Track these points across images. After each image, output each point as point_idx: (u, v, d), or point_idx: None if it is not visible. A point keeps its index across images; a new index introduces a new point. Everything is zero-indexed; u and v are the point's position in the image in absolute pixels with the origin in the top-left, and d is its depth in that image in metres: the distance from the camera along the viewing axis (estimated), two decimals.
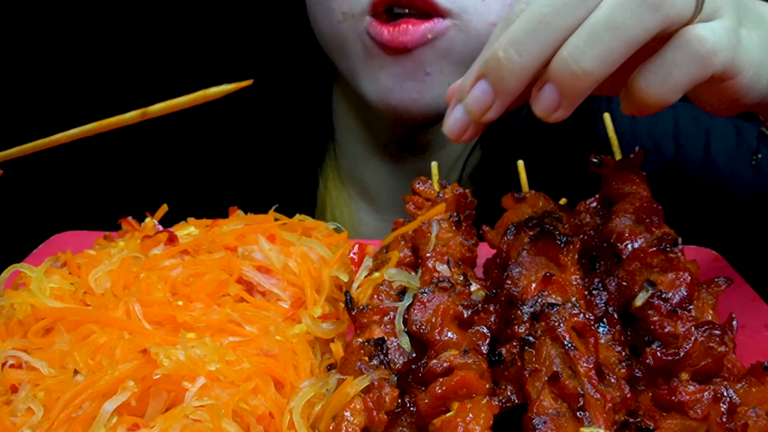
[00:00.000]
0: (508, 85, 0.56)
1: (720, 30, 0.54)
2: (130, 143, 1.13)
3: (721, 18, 0.55)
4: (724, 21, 0.55)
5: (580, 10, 0.53)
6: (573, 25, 0.53)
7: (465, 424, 0.47)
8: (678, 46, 0.54)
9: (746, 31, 0.57)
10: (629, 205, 0.66)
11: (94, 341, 0.56)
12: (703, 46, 0.53)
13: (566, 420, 0.46)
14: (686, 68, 0.54)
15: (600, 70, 0.53)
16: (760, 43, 0.58)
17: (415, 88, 0.85)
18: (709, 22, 0.54)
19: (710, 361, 0.53)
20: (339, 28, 0.88)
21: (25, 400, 0.51)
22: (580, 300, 0.56)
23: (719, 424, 0.48)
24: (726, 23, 0.55)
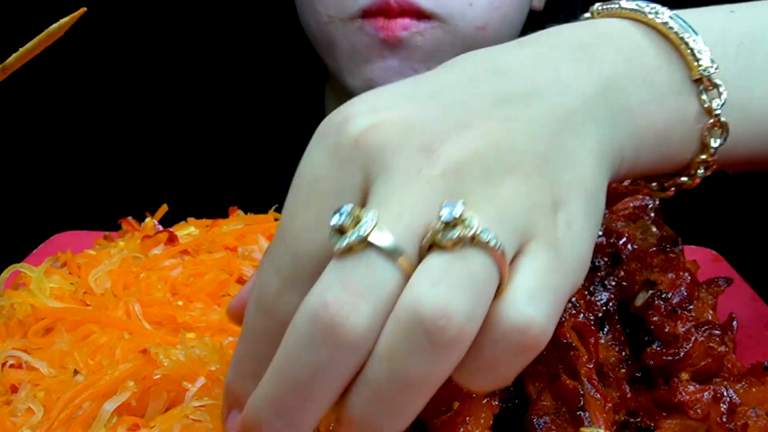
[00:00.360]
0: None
1: (539, 288, 0.35)
2: (130, 143, 1.14)
3: (532, 248, 0.36)
4: (536, 257, 0.36)
5: (349, 364, 0.34)
6: (347, 381, 0.35)
7: (465, 424, 0.47)
8: (488, 343, 0.35)
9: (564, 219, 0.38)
10: (629, 204, 0.66)
11: (94, 341, 0.56)
12: (524, 333, 0.35)
13: (566, 420, 0.46)
14: (508, 360, 0.36)
15: (405, 425, 0.37)
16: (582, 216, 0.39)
17: None
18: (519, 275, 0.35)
19: (710, 361, 0.53)
20: (326, 29, 0.91)
21: (25, 400, 0.51)
22: (580, 300, 0.56)
23: (719, 424, 0.48)
24: (540, 261, 0.36)
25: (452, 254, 0.33)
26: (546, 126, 0.39)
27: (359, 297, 0.33)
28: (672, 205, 0.74)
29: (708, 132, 0.46)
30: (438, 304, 0.32)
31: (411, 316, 0.32)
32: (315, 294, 0.34)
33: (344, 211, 0.34)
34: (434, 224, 0.34)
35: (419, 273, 0.33)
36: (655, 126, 0.45)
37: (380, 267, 0.34)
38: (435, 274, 0.33)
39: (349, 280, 0.33)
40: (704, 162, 0.47)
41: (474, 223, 0.33)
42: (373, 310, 0.33)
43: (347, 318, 0.33)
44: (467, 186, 0.36)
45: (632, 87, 0.44)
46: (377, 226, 0.34)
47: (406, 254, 0.34)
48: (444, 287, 0.32)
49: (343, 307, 0.33)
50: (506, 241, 0.34)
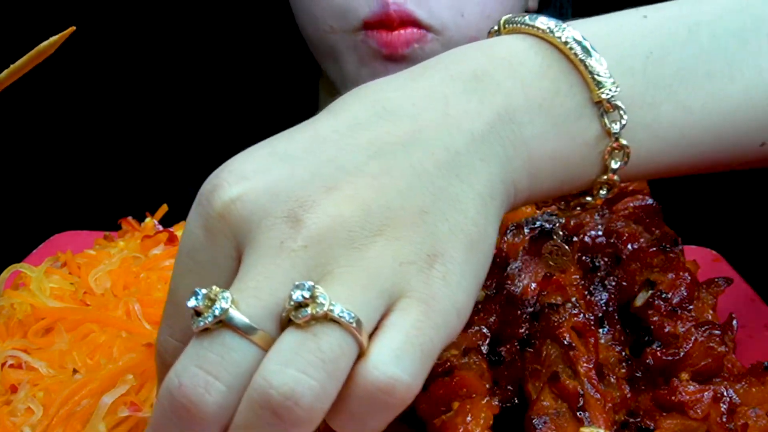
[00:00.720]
0: None
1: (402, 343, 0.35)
2: (130, 143, 1.14)
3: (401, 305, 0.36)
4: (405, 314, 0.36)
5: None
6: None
7: (465, 424, 0.47)
8: (355, 401, 0.35)
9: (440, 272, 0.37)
10: (629, 204, 0.66)
11: (93, 340, 0.56)
12: (384, 393, 0.35)
13: (566, 420, 0.46)
14: (376, 415, 0.36)
15: None
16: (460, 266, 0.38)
17: None
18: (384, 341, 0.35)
19: (710, 361, 0.53)
20: (328, 38, 0.90)
21: (25, 399, 0.51)
22: (580, 300, 0.56)
23: (719, 424, 0.48)
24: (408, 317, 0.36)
25: (305, 332, 0.34)
26: (425, 174, 0.39)
27: (213, 376, 0.34)
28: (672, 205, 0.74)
29: (609, 155, 0.45)
30: (286, 386, 0.33)
31: (260, 397, 0.33)
32: (173, 373, 0.34)
33: (199, 294, 0.35)
34: (287, 303, 0.34)
35: (272, 352, 0.34)
36: (553, 154, 0.44)
37: (235, 346, 0.34)
38: (285, 355, 0.33)
39: (204, 359, 0.34)
40: (606, 182, 0.46)
41: (324, 300, 0.34)
42: (227, 389, 0.34)
43: (201, 397, 0.34)
44: (330, 255, 0.36)
45: (527, 117, 0.43)
46: (233, 306, 0.34)
47: (263, 332, 0.34)
48: (293, 368, 0.33)
49: (197, 388, 0.34)
50: (368, 308, 0.35)
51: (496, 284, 0.64)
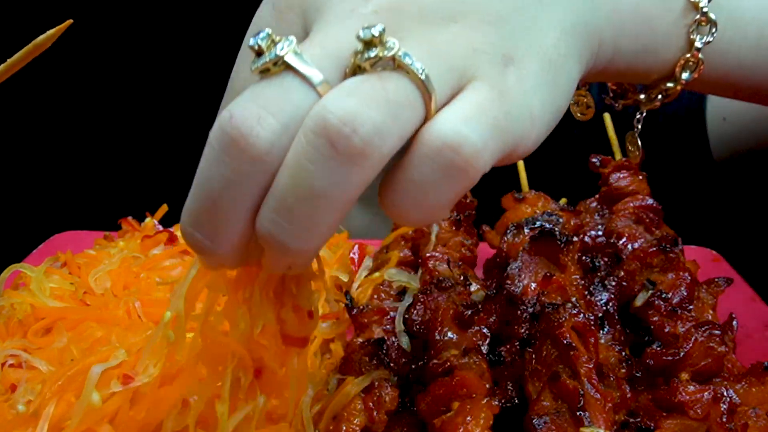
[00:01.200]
0: (213, 264, 0.39)
1: (476, 112, 0.34)
2: (131, 143, 1.14)
3: (472, 85, 0.35)
4: (476, 91, 0.35)
5: (258, 177, 0.34)
6: (257, 195, 0.35)
7: (465, 424, 0.47)
8: (417, 160, 0.34)
9: (515, 74, 0.37)
10: (629, 205, 0.66)
11: (91, 335, 0.56)
12: (458, 150, 0.33)
13: (566, 420, 0.46)
14: (438, 181, 0.34)
15: (312, 243, 0.35)
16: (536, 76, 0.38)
17: None
18: (453, 105, 0.35)
19: (710, 361, 0.53)
20: None
21: (24, 393, 0.51)
22: (580, 300, 0.56)
23: (719, 424, 0.48)
24: (480, 94, 0.35)
25: (370, 74, 0.33)
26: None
27: (266, 111, 0.33)
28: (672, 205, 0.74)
29: (695, 28, 0.45)
30: (344, 114, 0.32)
31: (317, 124, 0.32)
32: (225, 109, 0.33)
33: (262, 35, 0.34)
34: (356, 45, 0.33)
35: (335, 88, 0.33)
36: (639, 11, 0.44)
37: (295, 88, 0.33)
38: (350, 89, 0.33)
39: (260, 96, 0.33)
40: (689, 61, 0.46)
41: (394, 45, 0.33)
42: (281, 126, 0.33)
43: (251, 130, 0.32)
44: (402, 25, 0.35)
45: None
46: (295, 51, 0.34)
47: (324, 80, 0.33)
48: (354, 100, 0.32)
49: (248, 120, 0.32)
50: (437, 77, 0.34)
51: (496, 284, 0.64)
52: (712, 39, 0.45)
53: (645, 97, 0.50)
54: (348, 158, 0.32)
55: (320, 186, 0.32)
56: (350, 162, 0.32)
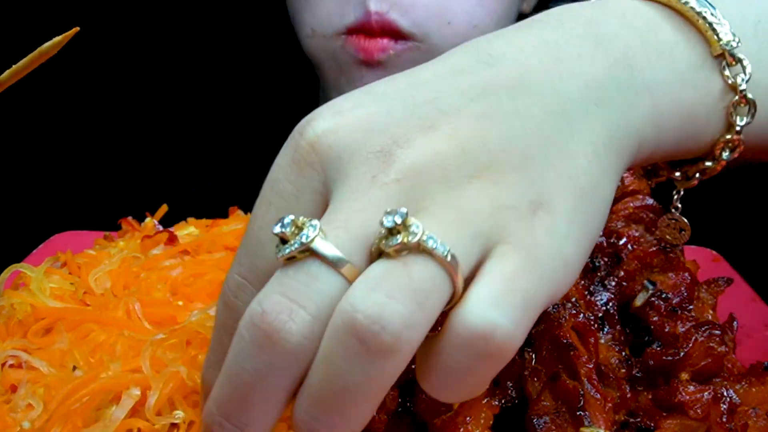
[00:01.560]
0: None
1: (503, 290, 0.33)
2: (131, 143, 1.14)
3: (499, 251, 0.34)
4: (504, 259, 0.34)
5: (291, 371, 0.34)
6: (290, 386, 0.35)
7: (465, 424, 0.47)
8: (449, 350, 0.33)
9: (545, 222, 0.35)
10: (629, 204, 0.66)
11: (94, 339, 0.56)
12: (486, 340, 0.32)
13: (566, 420, 0.46)
14: (472, 369, 0.34)
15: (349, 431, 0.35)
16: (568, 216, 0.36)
17: None
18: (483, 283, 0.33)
19: (710, 361, 0.53)
20: (309, 43, 0.92)
21: (25, 396, 0.51)
22: (580, 300, 0.56)
23: (719, 424, 0.48)
24: (508, 263, 0.34)
25: (395, 261, 0.32)
26: (531, 119, 0.37)
27: (297, 304, 0.33)
28: None
29: (734, 109, 0.44)
30: (372, 311, 0.31)
31: (345, 322, 0.32)
32: (255, 302, 0.33)
33: (286, 221, 0.34)
34: (379, 231, 0.33)
35: (359, 279, 0.33)
36: (679, 103, 0.42)
37: (322, 275, 0.33)
38: (374, 281, 0.32)
39: (289, 287, 0.33)
40: (730, 142, 0.45)
41: (417, 230, 0.32)
42: (312, 318, 0.33)
43: (284, 325, 0.32)
44: (424, 192, 0.34)
45: (647, 64, 0.41)
46: (320, 235, 0.33)
47: (351, 263, 0.33)
48: (380, 293, 0.32)
49: (281, 315, 0.33)
50: (463, 248, 0.33)
51: None
52: (751, 120, 0.44)
53: (681, 175, 0.49)
54: (379, 354, 0.32)
55: (353, 381, 0.32)
56: (382, 357, 0.32)
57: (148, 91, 1.18)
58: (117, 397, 0.50)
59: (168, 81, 1.19)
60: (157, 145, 1.12)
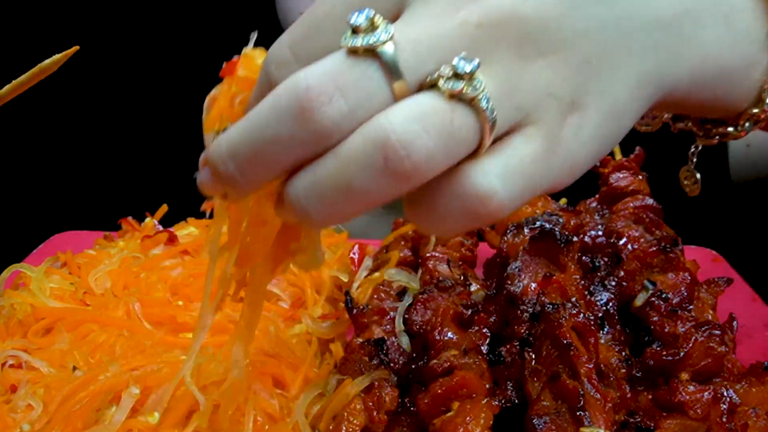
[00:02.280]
0: (233, 195, 0.42)
1: (514, 166, 0.37)
2: (130, 143, 1.14)
3: (528, 131, 0.37)
4: (529, 140, 0.37)
5: (310, 148, 0.37)
6: (302, 159, 0.38)
7: (465, 424, 0.47)
8: (450, 196, 0.37)
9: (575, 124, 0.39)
10: (629, 205, 0.66)
11: (93, 339, 0.56)
12: (483, 202, 0.37)
13: (566, 420, 0.46)
14: (462, 221, 0.38)
15: (325, 222, 0.39)
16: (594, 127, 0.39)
17: None
18: (502, 149, 0.37)
19: (710, 361, 0.53)
20: None
21: (25, 396, 0.51)
22: (580, 300, 0.56)
23: (719, 424, 0.48)
24: (531, 145, 0.37)
25: (445, 102, 0.34)
26: (606, 28, 0.38)
27: (341, 94, 0.34)
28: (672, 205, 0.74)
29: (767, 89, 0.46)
30: (406, 136, 0.34)
31: (378, 136, 0.34)
32: (304, 74, 0.35)
33: (366, 14, 0.35)
34: (445, 68, 0.35)
35: (405, 102, 0.35)
36: (722, 69, 0.44)
37: (375, 80, 0.34)
38: (418, 110, 0.34)
39: (340, 76, 0.34)
40: (755, 116, 0.47)
41: (479, 86, 0.35)
42: (348, 111, 0.35)
43: (322, 106, 0.34)
44: (497, 48, 0.36)
45: (712, 23, 0.43)
46: (389, 43, 0.35)
47: (405, 81, 0.35)
48: (419, 125, 0.34)
49: (322, 96, 0.34)
50: (504, 116, 0.36)
51: (496, 284, 0.64)
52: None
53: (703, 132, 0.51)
54: (394, 175, 0.35)
55: (359, 186, 0.35)
56: (394, 179, 0.35)
57: (149, 91, 1.18)
58: (117, 398, 0.50)
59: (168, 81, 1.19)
60: (157, 145, 1.11)
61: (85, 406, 0.49)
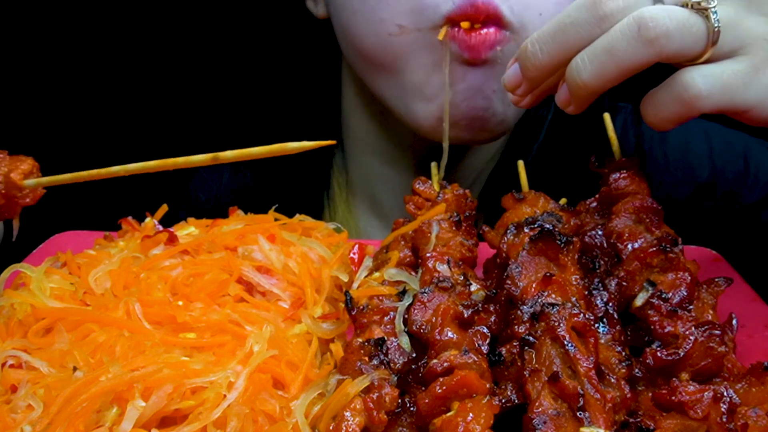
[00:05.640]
0: (531, 74, 0.65)
1: (719, 74, 0.58)
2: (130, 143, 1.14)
3: (739, 57, 0.58)
4: (737, 62, 0.58)
5: (595, 29, 0.60)
6: (586, 40, 0.60)
7: (465, 423, 0.47)
8: (669, 86, 0.59)
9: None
10: (629, 205, 0.66)
11: (94, 340, 0.56)
12: (687, 91, 0.58)
13: (566, 420, 0.46)
14: (672, 107, 0.59)
15: (595, 85, 0.60)
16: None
17: (482, 104, 0.82)
18: (716, 63, 0.58)
19: (710, 361, 0.53)
20: (392, 42, 0.82)
21: (25, 397, 0.51)
22: (580, 300, 0.56)
23: (719, 424, 0.48)
24: (738, 65, 0.58)
25: (688, 9, 0.58)
26: None
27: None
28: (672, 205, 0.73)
29: None
30: (656, 15, 0.57)
31: (638, 15, 0.57)
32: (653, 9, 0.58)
33: None
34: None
35: (661, 5, 0.58)
36: None
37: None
38: (669, 7, 0.57)
39: None
40: None
41: (713, 5, 0.57)
42: (624, 6, 0.58)
43: (607, 1, 0.59)
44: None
45: None
46: None
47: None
48: (667, 14, 0.57)
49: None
50: (724, 37, 0.57)
51: (496, 284, 0.64)
52: None
53: None
54: (643, 40, 0.57)
55: (619, 48, 0.58)
56: (642, 43, 0.57)
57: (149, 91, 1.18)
58: (117, 399, 0.50)
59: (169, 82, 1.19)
60: (157, 145, 1.11)
61: (86, 408, 0.49)
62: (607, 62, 0.59)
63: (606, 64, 0.59)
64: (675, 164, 0.99)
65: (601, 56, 0.59)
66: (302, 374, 0.55)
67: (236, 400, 0.51)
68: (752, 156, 1.00)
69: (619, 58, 0.58)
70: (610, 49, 0.58)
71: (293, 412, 0.52)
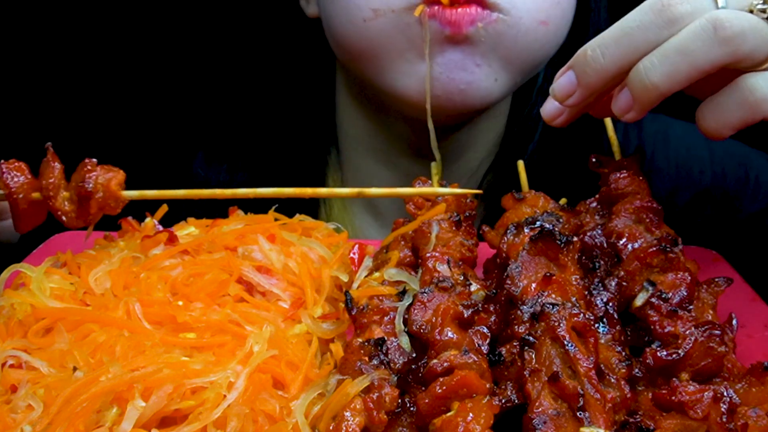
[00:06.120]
0: (589, 80, 0.63)
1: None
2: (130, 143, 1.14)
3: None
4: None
5: (663, 32, 0.59)
6: (654, 43, 0.60)
7: (465, 423, 0.47)
8: (732, 91, 0.59)
9: None
10: (629, 205, 0.66)
11: (94, 340, 0.56)
12: (753, 95, 0.58)
13: (566, 420, 0.46)
14: (735, 112, 0.59)
15: (666, 86, 0.60)
16: None
17: (464, 78, 0.82)
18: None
19: (710, 361, 0.53)
20: (367, 27, 0.82)
21: (25, 397, 0.51)
22: (580, 300, 0.56)
23: (719, 424, 0.48)
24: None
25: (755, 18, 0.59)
26: None
27: (687, 1, 0.59)
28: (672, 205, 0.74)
29: None
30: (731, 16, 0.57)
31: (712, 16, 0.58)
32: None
33: None
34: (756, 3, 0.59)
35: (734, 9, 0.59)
36: None
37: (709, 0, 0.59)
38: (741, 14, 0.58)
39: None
40: None
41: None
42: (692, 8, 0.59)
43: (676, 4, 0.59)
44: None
45: None
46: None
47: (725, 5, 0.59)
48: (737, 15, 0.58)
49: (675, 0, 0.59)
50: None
51: (496, 284, 0.64)
52: None
53: None
54: (719, 39, 0.57)
55: (694, 48, 0.58)
56: (718, 42, 0.57)
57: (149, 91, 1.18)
58: (117, 399, 0.50)
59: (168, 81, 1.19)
60: (157, 145, 1.11)
61: (86, 408, 0.49)
62: (679, 63, 0.58)
63: (679, 65, 0.58)
64: (676, 169, 1.00)
65: (673, 57, 0.58)
66: (302, 374, 0.55)
67: (236, 400, 0.51)
68: (752, 164, 1.00)
69: (692, 58, 0.58)
70: (683, 50, 0.58)
71: (293, 412, 0.52)
